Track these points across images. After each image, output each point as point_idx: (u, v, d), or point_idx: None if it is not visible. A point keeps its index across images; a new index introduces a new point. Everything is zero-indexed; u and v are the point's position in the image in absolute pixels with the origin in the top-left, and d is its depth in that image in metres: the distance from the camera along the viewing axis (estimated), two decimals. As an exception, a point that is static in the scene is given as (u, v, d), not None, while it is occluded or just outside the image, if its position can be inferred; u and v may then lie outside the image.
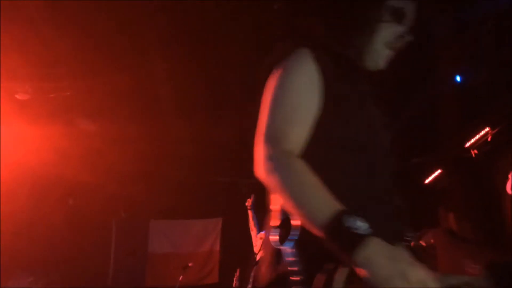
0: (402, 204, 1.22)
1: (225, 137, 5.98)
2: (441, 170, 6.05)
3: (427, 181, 6.13)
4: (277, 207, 1.16)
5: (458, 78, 4.60)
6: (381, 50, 1.29)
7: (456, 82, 4.59)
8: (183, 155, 6.45)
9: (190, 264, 6.03)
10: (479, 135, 5.15)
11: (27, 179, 5.87)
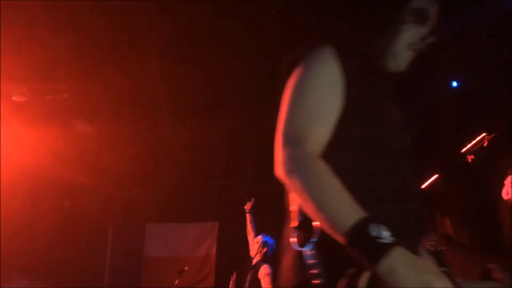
0: (423, 207, 1.19)
1: (222, 140, 5.98)
2: (437, 175, 6.07)
3: (423, 186, 6.15)
4: (295, 208, 1.13)
5: (454, 83, 4.62)
6: (403, 51, 1.27)
7: (452, 87, 4.61)
8: (180, 158, 6.45)
9: (186, 268, 6.01)
10: (476, 140, 5.18)
11: (24, 181, 5.84)
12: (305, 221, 1.08)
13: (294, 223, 1.12)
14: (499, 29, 3.65)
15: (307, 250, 1.06)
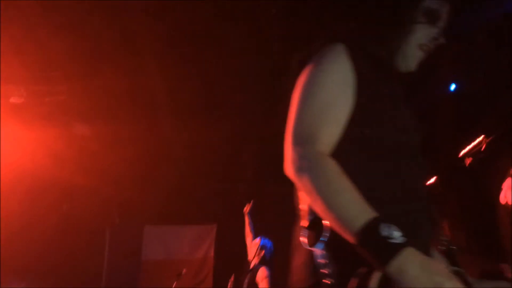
0: (434, 207, 1.19)
1: (221, 141, 5.98)
2: (435, 177, 6.08)
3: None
4: (305, 207, 1.12)
5: (452, 86, 4.63)
6: (413, 51, 1.26)
7: (450, 90, 4.62)
8: (178, 160, 6.44)
9: (184, 270, 6.00)
10: (474, 143, 5.18)
11: (22, 183, 5.82)
12: (315, 220, 1.07)
13: (304, 222, 1.11)
14: (498, 30, 3.66)
15: (318, 249, 1.05)
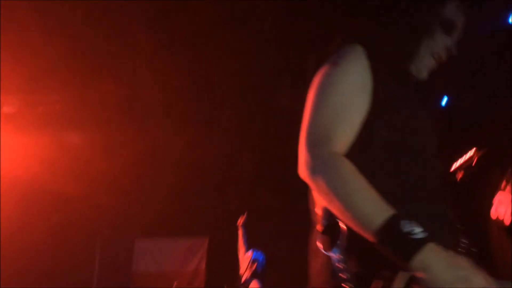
0: (452, 209, 1.18)
1: (214, 153, 5.96)
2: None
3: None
4: (320, 211, 1.10)
5: (444, 99, 4.67)
6: (426, 59, 1.25)
7: (442, 104, 4.65)
8: (171, 171, 6.40)
9: (175, 283, 5.93)
10: (465, 157, 5.20)
11: (12, 193, 5.73)
12: (331, 224, 1.05)
13: (319, 227, 1.09)
14: (491, 44, 3.69)
15: (335, 254, 1.03)
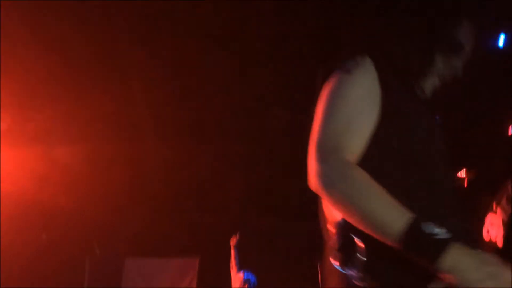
0: (468, 221, 1.17)
1: (205, 171, 5.93)
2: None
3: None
4: (333, 227, 1.09)
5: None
6: (432, 78, 1.25)
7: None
8: (161, 191, 6.35)
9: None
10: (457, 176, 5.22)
11: (3, 209, 5.63)
12: (347, 240, 1.04)
13: (334, 244, 1.07)
14: (481, 65, 3.74)
15: (353, 271, 1.01)
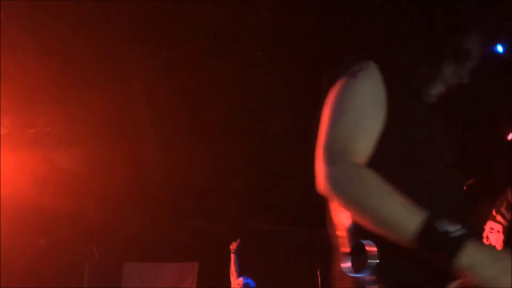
0: (472, 223, 1.17)
1: (205, 177, 5.90)
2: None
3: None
4: (344, 232, 1.08)
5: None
6: (439, 84, 1.25)
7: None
8: (161, 196, 6.33)
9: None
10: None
11: (3, 213, 5.62)
12: (358, 244, 1.02)
13: (345, 249, 1.06)
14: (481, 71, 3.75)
15: (366, 275, 1.00)
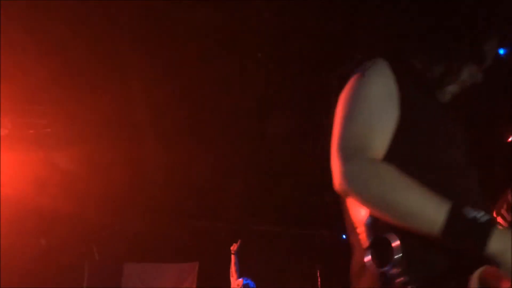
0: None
1: (205, 178, 5.91)
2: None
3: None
4: (363, 229, 1.08)
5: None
6: (453, 84, 1.25)
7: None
8: (161, 196, 6.33)
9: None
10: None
11: (3, 213, 5.59)
12: (380, 239, 1.02)
13: (367, 245, 1.05)
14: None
15: (390, 269, 0.98)
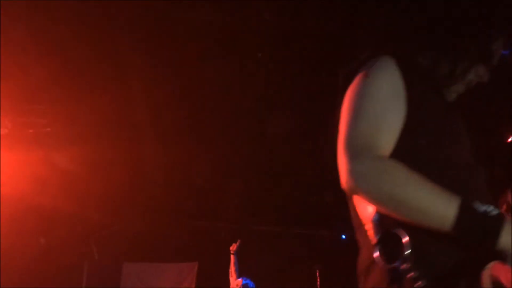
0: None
1: (205, 178, 5.90)
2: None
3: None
4: (371, 226, 1.08)
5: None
6: (459, 83, 1.25)
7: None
8: (160, 196, 6.33)
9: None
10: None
11: (3, 212, 5.59)
12: (389, 235, 1.02)
13: (376, 241, 1.05)
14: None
15: (400, 265, 0.98)
